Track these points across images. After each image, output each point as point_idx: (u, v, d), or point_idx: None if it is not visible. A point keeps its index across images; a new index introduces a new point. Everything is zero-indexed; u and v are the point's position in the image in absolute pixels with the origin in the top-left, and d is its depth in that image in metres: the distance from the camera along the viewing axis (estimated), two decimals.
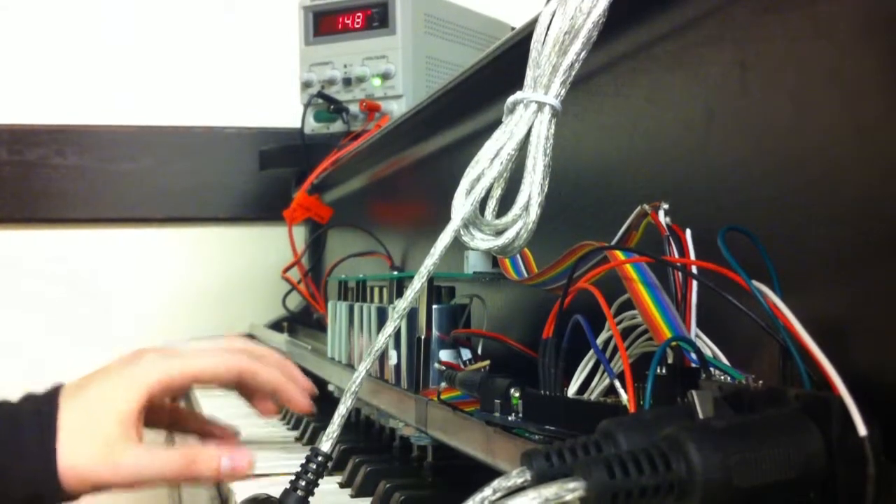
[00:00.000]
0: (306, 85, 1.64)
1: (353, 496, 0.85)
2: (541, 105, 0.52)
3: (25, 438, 0.77)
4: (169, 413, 0.91)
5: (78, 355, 1.95)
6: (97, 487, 0.78)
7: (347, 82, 1.60)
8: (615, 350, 0.55)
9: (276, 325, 1.76)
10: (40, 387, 0.86)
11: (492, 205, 0.53)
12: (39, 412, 0.79)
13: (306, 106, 1.64)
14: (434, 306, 0.82)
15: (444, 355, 0.81)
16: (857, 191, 0.46)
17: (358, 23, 1.60)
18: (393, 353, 0.88)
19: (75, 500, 0.80)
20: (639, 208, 0.56)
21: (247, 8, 2.07)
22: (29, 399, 0.82)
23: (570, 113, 0.57)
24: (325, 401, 1.03)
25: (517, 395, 0.60)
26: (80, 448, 0.77)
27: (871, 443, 0.36)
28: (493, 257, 0.82)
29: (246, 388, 0.91)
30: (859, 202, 0.46)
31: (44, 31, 1.99)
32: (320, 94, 1.61)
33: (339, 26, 1.62)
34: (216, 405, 1.24)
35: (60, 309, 1.97)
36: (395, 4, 1.55)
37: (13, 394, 0.86)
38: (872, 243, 0.45)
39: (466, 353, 0.80)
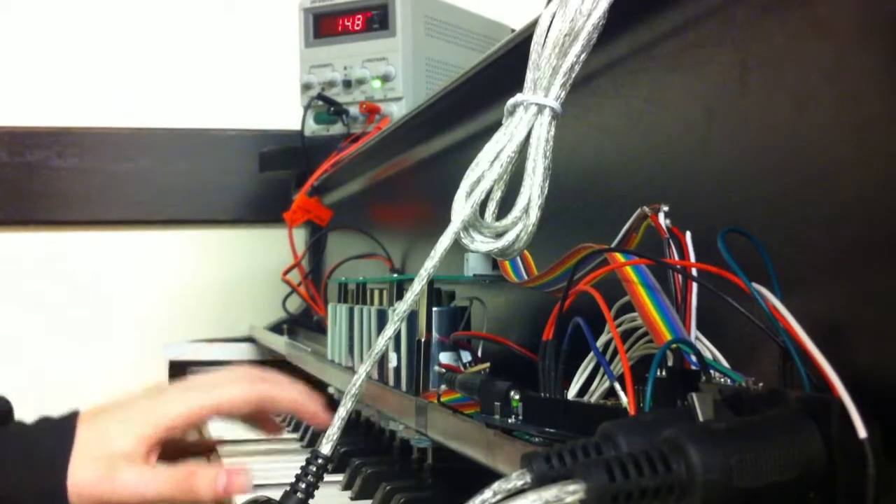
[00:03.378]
0: (306, 87, 1.64)
1: (353, 498, 0.85)
2: (541, 107, 0.52)
3: (41, 457, 0.78)
4: (181, 445, 0.91)
5: (78, 357, 1.96)
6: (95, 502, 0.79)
7: (347, 84, 1.60)
8: (615, 352, 0.55)
9: (276, 328, 1.76)
10: (40, 389, 0.86)
11: (492, 207, 0.53)
12: (57, 434, 0.79)
13: (306, 108, 1.63)
14: (434, 309, 0.82)
15: (444, 358, 0.81)
16: (857, 191, 0.46)
17: (358, 25, 1.60)
18: (393, 356, 0.88)
19: None
20: (639, 210, 0.56)
21: (247, 10, 2.07)
22: (45, 421, 0.82)
23: (570, 115, 0.56)
24: (325, 403, 1.03)
25: (517, 397, 0.60)
26: (85, 466, 0.78)
27: (871, 444, 0.36)
28: (493, 260, 0.82)
29: (260, 416, 0.92)
30: (859, 202, 0.46)
31: (44, 33, 2.00)
32: (320, 96, 1.61)
33: (339, 28, 1.62)
34: None
35: (61, 311, 1.97)
36: (395, 6, 1.55)
37: (13, 395, 0.86)
38: (872, 244, 0.45)
39: (466, 356, 0.80)
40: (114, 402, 0.84)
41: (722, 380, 0.46)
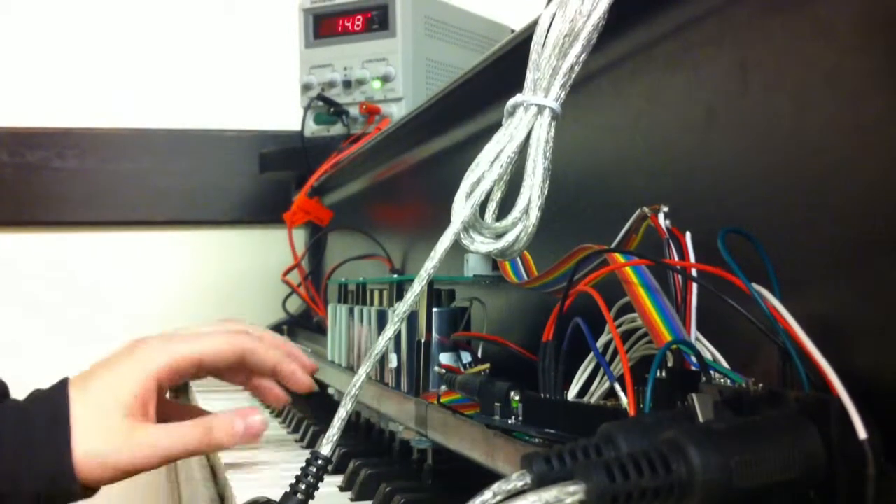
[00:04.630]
0: (306, 87, 1.64)
1: (353, 499, 0.85)
2: (541, 108, 0.52)
3: (39, 436, 0.77)
4: (165, 407, 0.91)
5: (77, 358, 1.95)
6: (120, 471, 0.79)
7: (347, 85, 1.60)
8: (615, 353, 0.55)
9: (276, 329, 1.75)
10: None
11: (492, 208, 0.53)
12: (51, 408, 0.79)
13: (306, 108, 1.64)
14: (434, 309, 0.82)
15: (444, 358, 0.81)
16: (857, 191, 0.46)
17: (358, 25, 1.60)
18: (393, 357, 0.88)
19: (94, 493, 0.80)
20: (638, 211, 0.56)
21: (247, 10, 2.07)
22: (38, 396, 0.82)
23: (570, 115, 0.57)
24: (325, 404, 1.03)
25: (517, 398, 0.60)
26: (96, 438, 0.78)
27: (871, 444, 0.36)
28: (493, 260, 0.82)
29: (248, 373, 0.91)
30: (860, 202, 0.46)
31: (44, 33, 2.00)
32: (320, 97, 1.61)
33: (340, 29, 1.62)
34: (216, 406, 1.24)
35: (60, 312, 1.97)
36: (395, 7, 1.55)
37: (12, 395, 0.86)
38: (872, 244, 0.45)
39: (466, 357, 0.80)
40: (99, 364, 0.84)
41: (722, 380, 0.46)
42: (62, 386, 0.81)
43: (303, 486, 0.60)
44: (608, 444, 0.40)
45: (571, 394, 0.59)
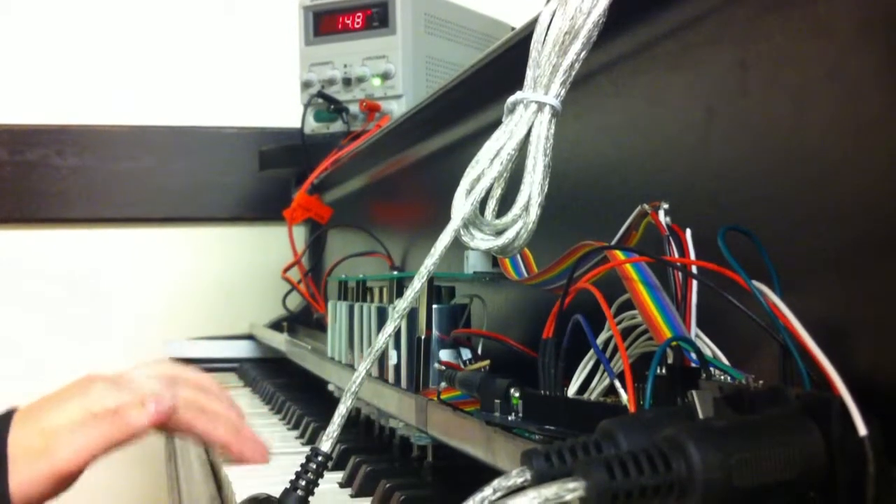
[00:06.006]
0: (306, 85, 1.64)
1: (353, 496, 0.85)
2: (541, 105, 0.52)
3: None
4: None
5: (77, 355, 1.96)
6: (54, 485, 0.79)
7: (347, 82, 1.60)
8: (615, 350, 0.55)
9: (276, 325, 1.76)
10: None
11: (492, 205, 0.53)
12: None
13: (306, 106, 1.64)
14: (434, 306, 0.82)
15: (444, 355, 0.81)
16: (857, 190, 0.46)
17: (358, 23, 1.60)
18: (393, 353, 0.88)
19: None
20: (639, 208, 0.56)
21: (247, 8, 2.07)
22: None
23: (571, 113, 0.57)
24: (325, 401, 1.03)
25: (517, 394, 0.60)
26: (27, 470, 0.78)
27: (872, 442, 0.36)
28: (493, 257, 0.82)
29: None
30: (859, 201, 0.46)
31: (44, 31, 2.00)
32: (320, 94, 1.61)
33: (340, 26, 1.62)
34: None
35: (60, 309, 1.97)
36: (395, 4, 1.55)
37: (13, 394, 0.87)
38: (872, 243, 0.45)
39: (466, 353, 0.80)
40: (44, 402, 0.84)
41: (722, 377, 0.46)
42: (6, 420, 0.82)
43: (303, 483, 0.60)
44: (608, 440, 0.40)
45: (571, 390, 0.59)
